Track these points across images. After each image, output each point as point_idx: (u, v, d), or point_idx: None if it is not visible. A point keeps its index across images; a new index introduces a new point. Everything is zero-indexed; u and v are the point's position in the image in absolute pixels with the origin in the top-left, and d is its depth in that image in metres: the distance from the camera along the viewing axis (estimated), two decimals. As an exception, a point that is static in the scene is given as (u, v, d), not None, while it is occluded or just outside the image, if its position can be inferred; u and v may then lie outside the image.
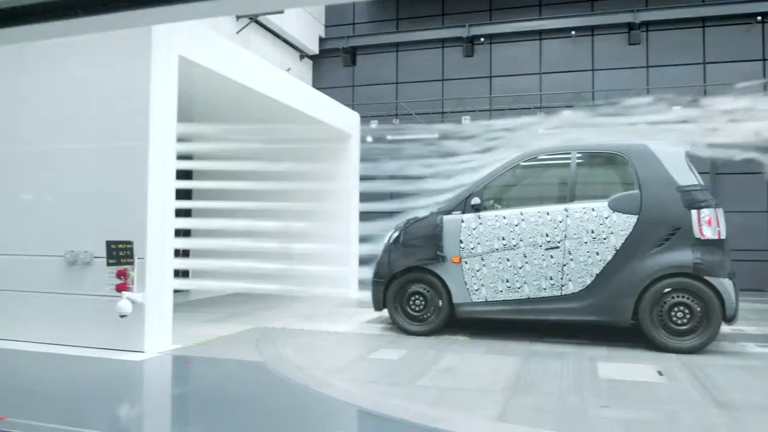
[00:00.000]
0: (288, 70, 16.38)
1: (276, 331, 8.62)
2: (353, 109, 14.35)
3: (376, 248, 9.30)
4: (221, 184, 10.64)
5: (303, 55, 18.68)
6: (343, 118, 13.20)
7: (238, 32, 15.21)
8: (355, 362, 6.83)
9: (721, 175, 15.31)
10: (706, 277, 7.28)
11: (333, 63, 19.00)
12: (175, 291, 7.85)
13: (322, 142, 12.33)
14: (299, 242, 11.60)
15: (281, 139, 10.55)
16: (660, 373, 6.21)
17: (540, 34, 17.34)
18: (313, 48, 18.74)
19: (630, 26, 16.46)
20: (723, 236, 7.45)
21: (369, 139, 16.20)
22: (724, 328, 7.65)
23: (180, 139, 7.75)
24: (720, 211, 7.54)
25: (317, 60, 19.27)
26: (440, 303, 8.31)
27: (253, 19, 15.58)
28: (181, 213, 8.52)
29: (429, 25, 18.32)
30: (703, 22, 16.23)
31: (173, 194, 7.51)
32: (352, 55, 18.79)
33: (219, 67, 8.37)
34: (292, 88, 11.02)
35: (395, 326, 8.58)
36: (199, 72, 8.18)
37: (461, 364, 6.60)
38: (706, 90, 15.76)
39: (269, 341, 7.81)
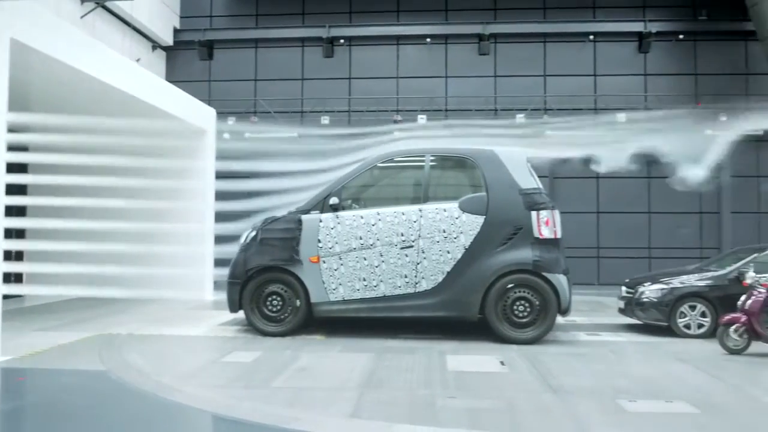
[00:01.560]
0: (138, 60, 15.48)
1: (121, 337, 8.11)
2: (209, 104, 13.89)
3: (233, 249, 9.05)
4: (60, 179, 9.81)
5: (156, 45, 17.73)
6: (198, 113, 12.72)
7: (82, 17, 14.13)
8: (207, 366, 6.61)
9: (558, 179, 16.66)
10: (544, 273, 7.92)
11: (188, 56, 18.24)
12: (6, 297, 7.14)
13: (175, 138, 11.78)
14: (149, 243, 11.01)
15: (128, 133, 9.92)
16: (502, 363, 6.66)
17: (397, 40, 17.85)
18: (167, 39, 17.86)
19: (480, 37, 17.42)
20: (559, 235, 8.15)
21: (226, 136, 15.74)
22: (559, 320, 8.34)
23: (12, 130, 7.05)
24: (556, 213, 8.23)
25: (171, 52, 18.39)
26: (298, 303, 8.28)
27: (100, 3, 14.54)
28: (13, 211, 7.77)
29: (289, 23, 18.17)
30: (545, 37, 17.59)
31: (2, 190, 6.82)
32: (208, 48, 18.14)
33: (58, 53, 7.72)
34: (142, 79, 10.44)
35: (251, 328, 8.41)
36: (36, 57, 7.50)
37: (317, 363, 6.63)
38: (546, 101, 17.09)
39: (113, 348, 7.33)
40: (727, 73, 17.14)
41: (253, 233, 8.54)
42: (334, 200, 8.32)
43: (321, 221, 8.30)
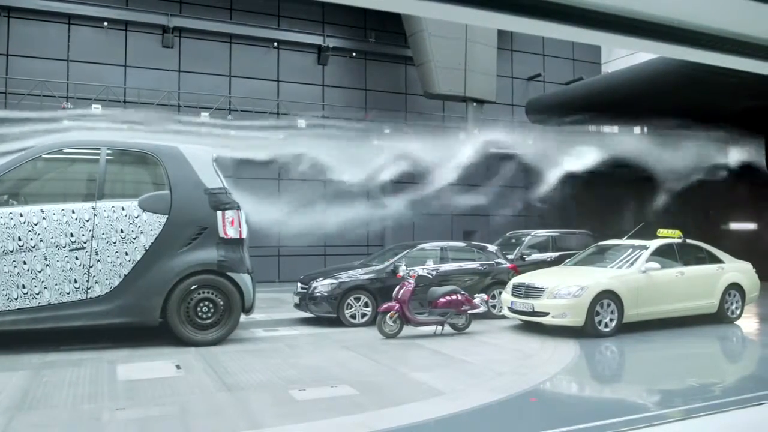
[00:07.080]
0: None
1: None
2: None
3: None
4: None
5: None
6: None
7: None
8: None
9: (242, 180, 16.92)
10: (229, 273, 8.01)
11: None
12: None
13: None
14: None
15: None
16: (178, 367, 6.56)
17: (69, 18, 16.10)
18: None
19: (164, 29, 16.75)
20: (244, 235, 8.31)
21: None
22: (241, 318, 8.52)
23: None
24: (241, 213, 8.38)
25: None
26: (-70, 319, 6.93)
27: None
28: None
29: None
30: (230, 38, 17.72)
31: None
32: None
33: None
34: None
35: None
36: None
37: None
38: (231, 101, 17.23)
39: None
40: (391, 91, 19.53)
41: None
42: (-17, 196, 7.20)
43: (-33, 220, 7.10)
